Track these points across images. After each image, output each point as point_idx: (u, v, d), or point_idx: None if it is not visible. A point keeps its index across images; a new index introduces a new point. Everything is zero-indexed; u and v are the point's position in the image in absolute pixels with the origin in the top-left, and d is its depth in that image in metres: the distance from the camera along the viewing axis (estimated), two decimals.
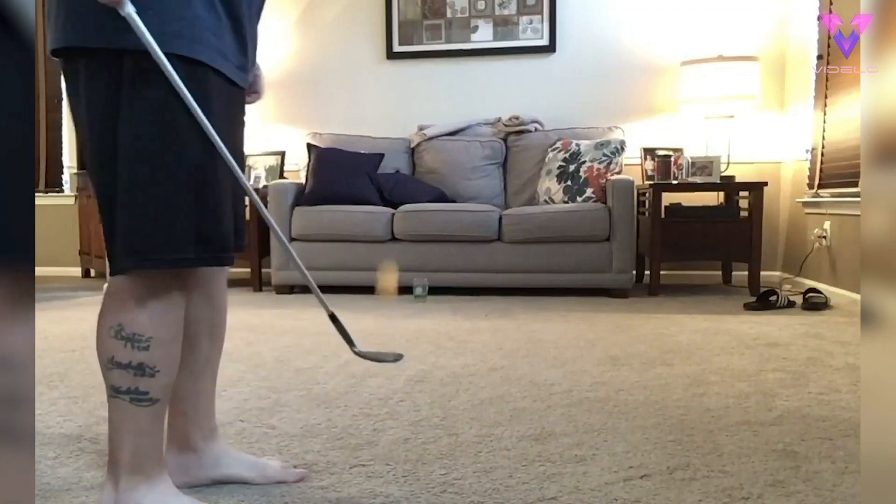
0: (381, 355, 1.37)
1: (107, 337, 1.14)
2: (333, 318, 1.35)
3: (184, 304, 1.19)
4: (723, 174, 4.09)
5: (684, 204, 4.09)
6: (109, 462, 1.18)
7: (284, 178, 4.69)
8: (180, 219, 1.10)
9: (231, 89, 1.19)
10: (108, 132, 1.09)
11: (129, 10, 1.02)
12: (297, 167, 4.83)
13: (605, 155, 4.04)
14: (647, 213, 4.16)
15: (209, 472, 1.35)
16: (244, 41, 1.20)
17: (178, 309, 1.18)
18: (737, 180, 4.13)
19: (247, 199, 1.28)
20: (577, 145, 4.15)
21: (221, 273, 1.36)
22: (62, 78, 1.17)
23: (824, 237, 3.74)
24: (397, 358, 1.36)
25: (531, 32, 4.63)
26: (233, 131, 1.22)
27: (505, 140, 4.52)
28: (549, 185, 4.11)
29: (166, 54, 1.05)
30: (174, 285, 1.16)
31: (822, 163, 3.81)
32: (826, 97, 3.76)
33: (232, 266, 1.25)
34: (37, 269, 5.24)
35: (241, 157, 1.29)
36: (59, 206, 5.38)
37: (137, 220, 1.09)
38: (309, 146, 4.32)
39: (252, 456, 1.42)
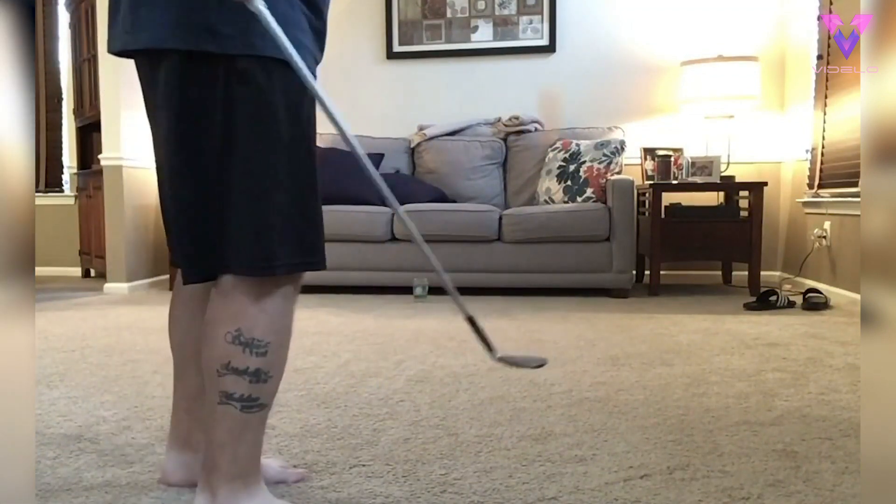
0: (526, 361, 1.27)
1: (223, 342, 1.10)
2: (472, 321, 1.22)
3: (295, 307, 1.18)
4: (723, 174, 4.09)
5: (684, 204, 4.09)
6: (206, 469, 1.15)
7: None
8: (305, 224, 1.11)
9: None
10: (200, 132, 1.08)
11: (259, 5, 0.99)
12: None
13: (605, 155, 4.04)
14: (647, 213, 4.16)
15: None
16: (322, 37, 1.18)
17: (292, 312, 1.17)
18: (737, 180, 4.14)
19: None
20: (577, 145, 4.15)
21: None
22: (142, 77, 1.14)
23: (824, 237, 3.74)
24: (541, 363, 1.27)
25: (531, 32, 4.63)
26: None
27: (505, 140, 4.52)
28: (549, 185, 4.11)
29: (265, 58, 1.04)
30: (290, 288, 1.15)
31: (822, 163, 3.80)
32: (826, 97, 3.76)
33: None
34: (37, 269, 5.24)
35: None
36: (59, 206, 5.38)
37: (260, 226, 1.08)
38: None
39: None
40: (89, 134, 5.27)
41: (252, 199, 1.08)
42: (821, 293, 3.47)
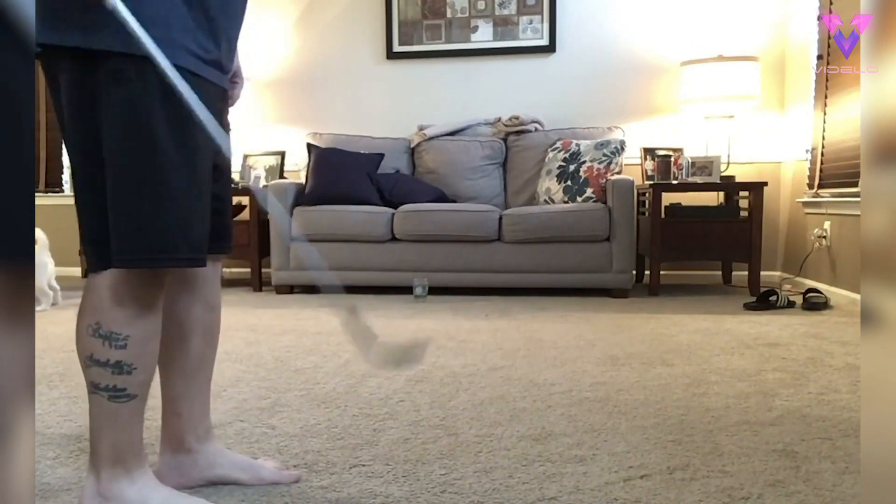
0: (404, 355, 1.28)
1: (85, 335, 1.14)
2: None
3: (161, 302, 1.19)
4: (723, 174, 4.09)
5: (684, 204, 4.09)
6: (91, 455, 1.19)
7: (284, 178, 4.69)
8: (157, 220, 1.10)
9: (210, 89, 1.17)
10: (85, 132, 1.10)
11: (114, 1, 1.00)
12: (297, 167, 4.83)
13: (605, 155, 4.04)
14: (647, 213, 4.16)
15: (203, 472, 1.35)
16: (218, 38, 1.17)
17: (156, 308, 1.17)
18: (737, 180, 4.13)
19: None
20: (577, 145, 4.15)
21: (215, 273, 1.35)
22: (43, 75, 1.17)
23: (824, 237, 3.74)
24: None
25: (531, 32, 4.63)
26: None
27: (505, 140, 4.52)
28: (549, 185, 4.11)
29: (139, 58, 1.04)
30: (153, 284, 1.16)
31: (822, 163, 3.81)
32: (826, 97, 3.76)
33: (225, 263, 1.25)
34: None
35: (229, 161, 1.29)
36: (59, 206, 5.38)
37: (119, 220, 1.09)
38: (309, 146, 4.32)
39: (246, 457, 1.42)
40: None
41: (117, 194, 1.09)
42: (821, 293, 3.47)
